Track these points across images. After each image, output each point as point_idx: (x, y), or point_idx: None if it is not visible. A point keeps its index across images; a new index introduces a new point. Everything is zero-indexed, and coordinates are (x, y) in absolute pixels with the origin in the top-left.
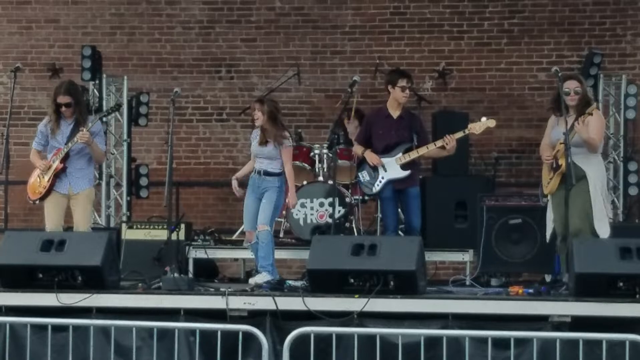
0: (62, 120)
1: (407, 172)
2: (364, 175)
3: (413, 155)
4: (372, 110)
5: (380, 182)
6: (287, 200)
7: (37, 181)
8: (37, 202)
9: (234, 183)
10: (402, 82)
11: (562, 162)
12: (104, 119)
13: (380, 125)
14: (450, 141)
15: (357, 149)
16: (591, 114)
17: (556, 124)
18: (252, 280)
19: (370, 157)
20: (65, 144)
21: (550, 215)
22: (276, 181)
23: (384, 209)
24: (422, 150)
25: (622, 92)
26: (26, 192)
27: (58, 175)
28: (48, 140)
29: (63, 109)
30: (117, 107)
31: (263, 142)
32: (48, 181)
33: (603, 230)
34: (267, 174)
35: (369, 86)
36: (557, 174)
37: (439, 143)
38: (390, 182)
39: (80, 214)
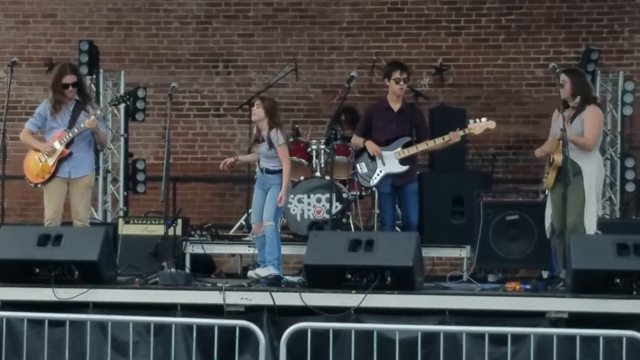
0: (62, 102)
1: (405, 168)
2: (362, 167)
3: (412, 150)
4: (373, 103)
5: (378, 175)
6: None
7: (39, 164)
8: (39, 185)
9: (230, 159)
10: (396, 74)
11: (556, 157)
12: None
13: (381, 118)
14: (455, 138)
15: (357, 141)
16: (574, 108)
17: (557, 118)
18: (253, 273)
19: (371, 146)
20: (69, 129)
21: (548, 210)
22: (277, 178)
23: (382, 204)
24: (422, 147)
25: (619, 88)
26: (25, 178)
27: (62, 159)
28: (45, 122)
29: (70, 89)
30: (128, 96)
31: (259, 140)
32: (53, 165)
33: (590, 227)
34: (269, 171)
35: (366, 82)
36: (552, 169)
37: (439, 140)
38: (389, 177)
39: (78, 202)
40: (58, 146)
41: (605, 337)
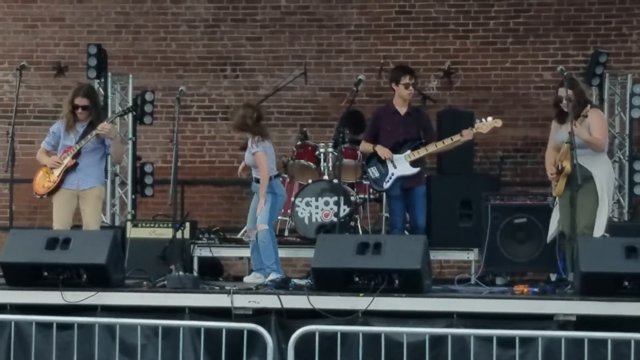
0: (77, 122)
1: (416, 170)
2: (374, 172)
3: (422, 152)
4: (379, 107)
5: (391, 178)
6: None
7: (45, 176)
8: (45, 196)
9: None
10: (405, 79)
11: (566, 164)
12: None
13: (388, 122)
14: (468, 135)
15: (367, 146)
16: (586, 116)
17: (559, 127)
18: (248, 280)
19: (382, 150)
20: (77, 142)
21: (555, 217)
22: (264, 186)
23: (392, 207)
24: (431, 148)
25: (627, 91)
26: (32, 189)
27: (68, 171)
28: (59, 141)
29: (79, 110)
30: (135, 106)
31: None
32: (58, 176)
33: (598, 228)
34: (256, 180)
35: (374, 85)
36: (562, 176)
37: (447, 141)
38: (399, 180)
39: (90, 214)
40: (65, 160)
41: (614, 340)
